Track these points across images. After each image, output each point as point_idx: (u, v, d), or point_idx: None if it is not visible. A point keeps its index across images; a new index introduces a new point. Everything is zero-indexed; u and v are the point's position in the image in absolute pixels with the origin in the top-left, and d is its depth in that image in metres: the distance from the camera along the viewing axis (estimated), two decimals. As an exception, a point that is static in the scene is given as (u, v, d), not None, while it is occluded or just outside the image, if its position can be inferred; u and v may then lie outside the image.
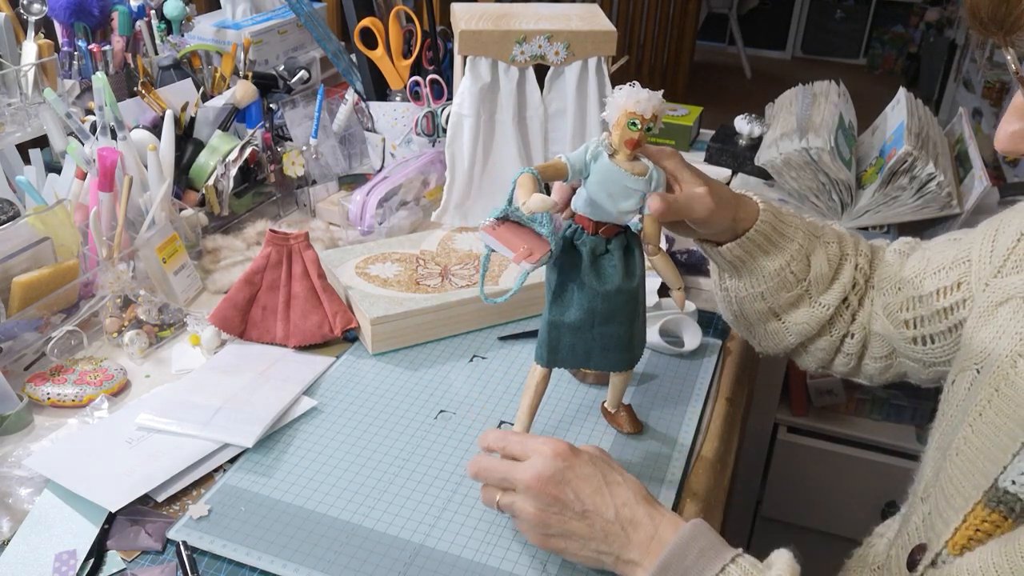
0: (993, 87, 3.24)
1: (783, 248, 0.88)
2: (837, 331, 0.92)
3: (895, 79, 4.86)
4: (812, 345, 0.94)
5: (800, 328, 0.92)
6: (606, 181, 0.76)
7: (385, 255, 1.15)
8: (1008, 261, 0.76)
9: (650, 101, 0.74)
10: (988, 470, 0.67)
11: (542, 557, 0.77)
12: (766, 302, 0.91)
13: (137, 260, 1.10)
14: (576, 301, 0.80)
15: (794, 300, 0.91)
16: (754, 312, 0.93)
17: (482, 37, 1.18)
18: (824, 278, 0.90)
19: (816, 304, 0.90)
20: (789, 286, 0.89)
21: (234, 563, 0.76)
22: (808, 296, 0.90)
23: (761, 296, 0.90)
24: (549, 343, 0.83)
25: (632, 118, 0.74)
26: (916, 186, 1.31)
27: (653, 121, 0.75)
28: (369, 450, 0.89)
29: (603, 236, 0.79)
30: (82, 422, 0.91)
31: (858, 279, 0.91)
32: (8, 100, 1.27)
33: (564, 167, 0.76)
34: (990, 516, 0.66)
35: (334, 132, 1.46)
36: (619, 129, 0.75)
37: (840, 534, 1.62)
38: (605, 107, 0.77)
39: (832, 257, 0.90)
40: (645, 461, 0.88)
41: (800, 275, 0.89)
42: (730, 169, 1.48)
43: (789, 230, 0.88)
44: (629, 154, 0.76)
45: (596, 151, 0.76)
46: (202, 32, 1.60)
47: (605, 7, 4.26)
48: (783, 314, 0.92)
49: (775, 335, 0.94)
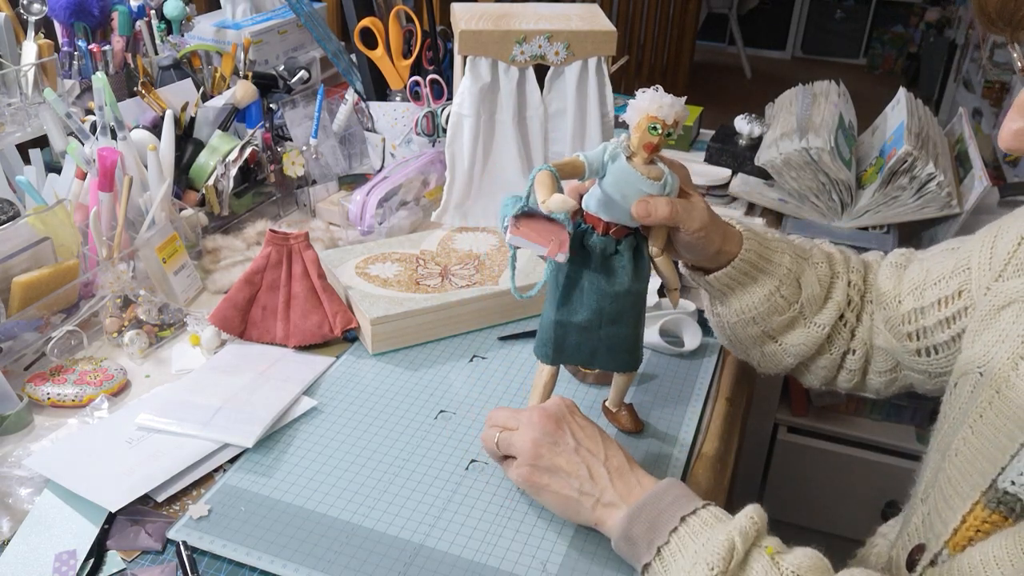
0: (993, 87, 3.24)
1: (770, 274, 0.88)
2: (837, 349, 0.92)
3: (895, 79, 4.86)
4: (813, 364, 0.94)
5: (797, 349, 0.92)
6: (621, 182, 0.76)
7: (385, 255, 1.15)
8: (1009, 265, 0.76)
9: (673, 107, 0.74)
10: (986, 471, 0.67)
11: (542, 557, 0.77)
12: (759, 326, 0.91)
13: (137, 260, 1.10)
14: (585, 301, 0.80)
15: (788, 323, 0.91)
16: (748, 336, 0.93)
17: (482, 37, 1.18)
18: (816, 299, 0.90)
19: (811, 325, 0.91)
20: (781, 310, 0.90)
21: (234, 563, 0.76)
22: (802, 317, 0.91)
23: (753, 321, 0.91)
24: (555, 342, 0.83)
25: (653, 122, 0.74)
26: (916, 186, 1.31)
27: (674, 127, 0.75)
28: (369, 450, 0.89)
29: (613, 237, 0.79)
30: (82, 422, 0.91)
31: (852, 296, 0.91)
32: (8, 100, 1.27)
33: (582, 165, 0.76)
34: (990, 517, 0.66)
35: (334, 132, 1.46)
36: (639, 132, 0.75)
37: (840, 534, 1.62)
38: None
39: (822, 277, 0.90)
40: (645, 460, 0.88)
41: (791, 298, 0.89)
42: (730, 169, 1.48)
43: (775, 255, 0.89)
44: (646, 158, 0.76)
45: (615, 152, 0.76)
46: (202, 32, 1.60)
47: (605, 7, 4.26)
48: (778, 337, 0.92)
49: (772, 357, 0.94)
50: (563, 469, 0.76)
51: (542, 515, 0.81)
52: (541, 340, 0.84)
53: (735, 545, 0.66)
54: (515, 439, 0.78)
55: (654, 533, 0.70)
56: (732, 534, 0.66)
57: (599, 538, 0.77)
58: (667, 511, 0.70)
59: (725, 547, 0.65)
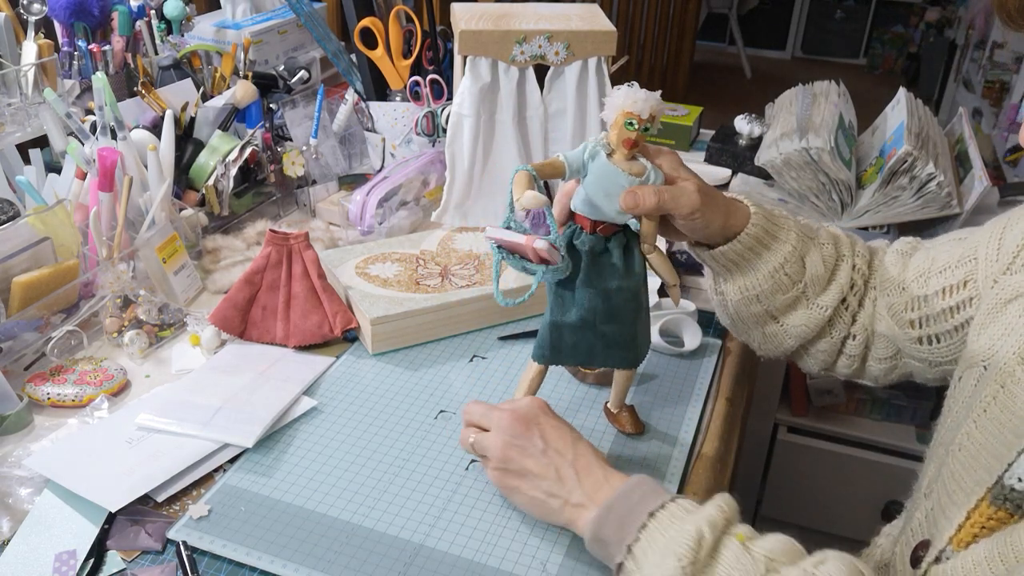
0: (993, 87, 3.24)
1: (776, 250, 0.88)
2: (837, 333, 0.92)
3: (895, 79, 4.87)
4: (813, 347, 0.94)
5: (798, 330, 0.92)
6: (603, 180, 0.77)
7: (385, 255, 1.15)
8: (1017, 258, 0.76)
9: (647, 101, 0.74)
10: (992, 466, 0.66)
11: (542, 557, 0.77)
12: (762, 305, 0.91)
13: (137, 260, 1.10)
14: (577, 300, 0.80)
15: (791, 302, 0.90)
16: (751, 315, 0.93)
17: (482, 37, 1.18)
18: (820, 279, 0.90)
19: (813, 306, 0.90)
20: (784, 288, 0.89)
21: (234, 563, 0.76)
22: (805, 298, 0.90)
23: (756, 299, 0.90)
24: (551, 343, 0.83)
25: (629, 118, 0.74)
26: (916, 186, 1.31)
27: (651, 121, 0.75)
28: (369, 450, 0.89)
29: (602, 235, 0.79)
30: (82, 422, 0.91)
31: (856, 280, 0.91)
32: (8, 100, 1.27)
33: (562, 165, 0.76)
34: (996, 513, 0.65)
35: (334, 132, 1.46)
36: (616, 129, 0.76)
37: (840, 534, 1.62)
38: (604, 107, 0.78)
39: (827, 258, 0.90)
40: (645, 461, 0.88)
41: (795, 277, 0.89)
42: (730, 169, 1.48)
43: (781, 232, 0.88)
44: (627, 154, 0.77)
45: (594, 150, 0.77)
46: (202, 32, 1.60)
47: (605, 7, 4.26)
48: (780, 316, 0.92)
49: (773, 338, 0.94)
50: (531, 471, 0.76)
51: (542, 515, 0.81)
52: (538, 343, 0.84)
53: (703, 534, 0.66)
54: (487, 441, 0.79)
55: (624, 532, 0.70)
56: (700, 524, 0.66)
57: (599, 538, 0.77)
58: (635, 509, 0.70)
59: (693, 537, 0.65)
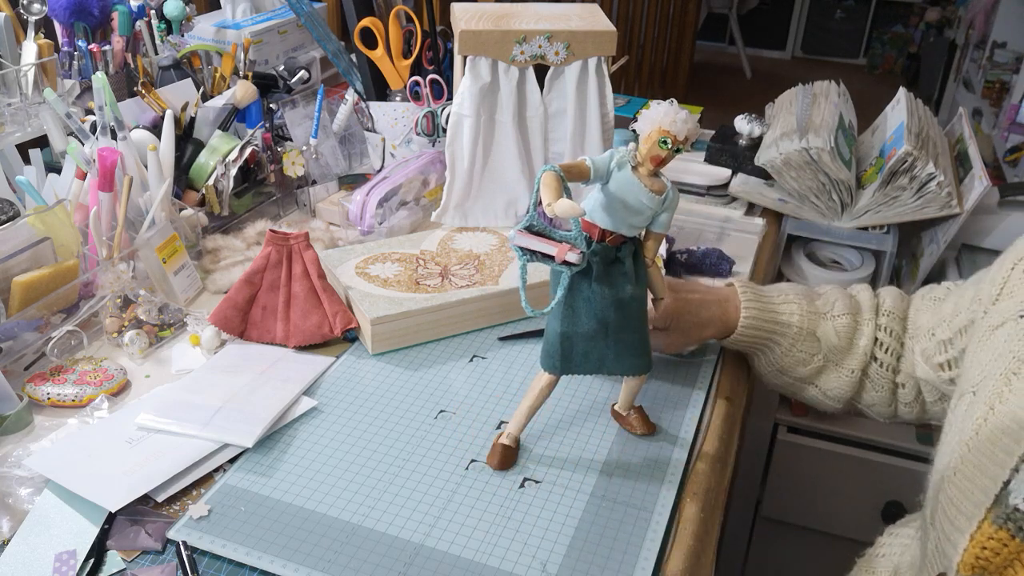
0: (993, 87, 3.24)
1: (781, 334, 0.93)
2: (882, 386, 0.96)
3: (895, 79, 4.87)
4: (863, 403, 0.99)
5: (836, 392, 0.96)
6: (624, 191, 0.76)
7: (385, 255, 1.15)
8: (1005, 287, 0.78)
9: (687, 123, 0.75)
10: (987, 487, 0.66)
11: (542, 557, 0.77)
12: (788, 377, 0.97)
13: (137, 260, 1.10)
14: (588, 310, 0.80)
15: (816, 371, 0.96)
16: (784, 384, 0.99)
17: (482, 37, 1.18)
18: (839, 348, 0.94)
19: (842, 370, 0.95)
20: (804, 362, 0.95)
21: (234, 563, 0.76)
22: (832, 364, 0.95)
23: (780, 372, 0.97)
24: (562, 353, 0.82)
25: (665, 136, 0.74)
26: (916, 186, 1.31)
27: (684, 143, 0.75)
28: (369, 450, 0.89)
29: (611, 244, 0.79)
30: (82, 422, 0.91)
31: (882, 338, 0.95)
32: (8, 100, 1.27)
33: (587, 169, 0.76)
34: (997, 533, 0.65)
35: (334, 132, 1.46)
36: (648, 144, 0.75)
37: (840, 534, 1.62)
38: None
39: (841, 329, 0.94)
40: (645, 461, 0.88)
41: (811, 351, 0.94)
42: (730, 169, 1.48)
43: (782, 316, 0.94)
44: (652, 170, 0.76)
45: (622, 160, 0.76)
46: (202, 32, 1.60)
47: (605, 7, 4.26)
48: (813, 381, 0.97)
49: (815, 400, 0.99)
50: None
51: (542, 515, 0.81)
52: (547, 352, 0.83)
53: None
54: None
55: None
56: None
57: (599, 538, 0.78)
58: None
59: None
